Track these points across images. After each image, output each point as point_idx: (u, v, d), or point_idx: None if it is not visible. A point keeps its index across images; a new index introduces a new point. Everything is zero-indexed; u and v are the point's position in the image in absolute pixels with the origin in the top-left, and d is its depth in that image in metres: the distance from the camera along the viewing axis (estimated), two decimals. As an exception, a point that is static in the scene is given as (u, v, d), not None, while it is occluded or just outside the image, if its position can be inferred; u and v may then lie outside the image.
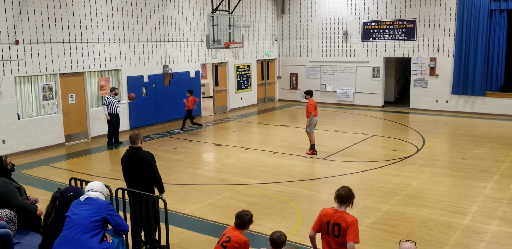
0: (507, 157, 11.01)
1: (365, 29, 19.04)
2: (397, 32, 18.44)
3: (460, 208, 7.88)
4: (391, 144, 12.82)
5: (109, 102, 12.75)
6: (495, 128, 14.62)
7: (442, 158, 11.23)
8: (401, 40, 18.36)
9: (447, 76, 17.58)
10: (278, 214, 7.79)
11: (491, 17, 16.72)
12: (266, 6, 20.45)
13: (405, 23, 18.23)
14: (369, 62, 19.04)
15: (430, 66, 17.79)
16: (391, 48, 18.61)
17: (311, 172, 10.28)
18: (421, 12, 17.83)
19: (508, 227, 7.04)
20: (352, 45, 19.41)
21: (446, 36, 17.49)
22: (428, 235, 6.85)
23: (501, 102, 16.68)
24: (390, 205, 8.09)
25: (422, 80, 18.06)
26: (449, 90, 17.55)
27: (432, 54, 17.82)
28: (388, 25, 18.56)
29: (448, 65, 17.53)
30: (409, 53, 18.27)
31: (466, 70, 17.11)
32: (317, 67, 20.30)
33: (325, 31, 19.97)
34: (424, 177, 9.64)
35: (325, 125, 15.38)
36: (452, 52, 17.42)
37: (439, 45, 17.63)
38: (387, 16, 18.52)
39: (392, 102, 19.82)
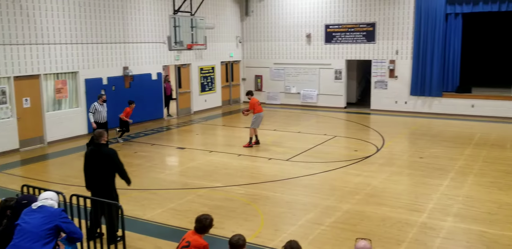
0: (462, 155, 11.40)
1: (327, 32, 19.33)
2: (358, 35, 18.80)
3: (417, 205, 8.09)
4: (353, 144, 13.05)
5: (95, 110, 12.08)
6: (451, 127, 15.13)
7: (400, 157, 11.52)
8: (362, 43, 18.73)
9: (405, 78, 18.06)
10: (240, 216, 7.77)
11: (447, 21, 17.31)
12: (230, 8, 20.44)
13: (366, 26, 18.61)
14: (332, 65, 19.33)
15: (390, 68, 18.24)
16: (353, 51, 18.96)
17: (275, 174, 10.31)
18: (381, 15, 18.26)
19: (462, 223, 7.28)
20: (315, 47, 19.66)
21: (404, 39, 17.98)
22: (387, 233, 7.00)
23: (456, 103, 17.28)
24: (351, 204, 8.22)
25: (382, 82, 18.49)
26: (408, 91, 18.04)
27: (391, 56, 18.27)
28: (349, 28, 18.91)
29: (406, 67, 18.02)
30: (369, 55, 18.67)
31: (424, 72, 17.63)
32: (282, 69, 20.45)
33: (288, 33, 20.14)
34: (383, 176, 9.85)
35: (289, 126, 15.50)
36: (410, 55, 17.92)
37: (398, 48, 18.10)
38: (348, 20, 18.87)
39: (354, 103, 20.19)
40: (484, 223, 7.27)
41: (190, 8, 15.36)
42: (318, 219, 7.63)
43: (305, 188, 9.34)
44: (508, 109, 16.41)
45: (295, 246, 4.25)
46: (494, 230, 6.98)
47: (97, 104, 12.15)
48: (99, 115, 12.09)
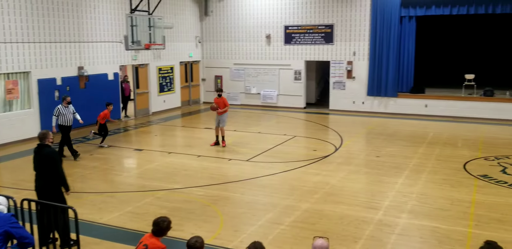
0: (416, 154, 11.78)
1: (286, 33, 19.50)
2: (316, 37, 19.08)
3: (374, 203, 8.28)
4: (312, 144, 13.22)
5: (59, 113, 11.29)
6: (406, 127, 15.61)
7: (358, 156, 11.77)
8: (321, 44, 19.02)
9: (362, 78, 18.49)
10: (200, 218, 7.70)
11: (401, 23, 17.85)
12: (189, 8, 20.25)
13: (324, 28, 18.91)
14: (291, 65, 19.51)
15: (347, 69, 18.62)
16: (312, 52, 19.22)
17: (235, 174, 10.29)
18: (338, 17, 18.60)
19: (416, 220, 7.52)
20: (274, 48, 19.79)
21: (361, 41, 18.39)
22: (344, 231, 7.13)
23: (411, 103, 17.85)
24: (310, 203, 8.31)
25: (340, 83, 18.85)
26: (365, 92, 18.48)
27: (349, 57, 18.65)
28: (308, 29, 19.15)
29: (363, 68, 18.45)
30: (328, 56, 18.98)
31: (380, 73, 18.11)
32: (242, 69, 20.45)
33: (248, 34, 20.17)
34: (341, 175, 10.03)
35: (250, 127, 15.52)
36: (367, 56, 18.36)
37: (355, 49, 18.51)
38: (307, 21, 19.11)
39: (313, 104, 20.48)
40: (436, 219, 7.53)
41: (148, 7, 15.08)
42: (278, 218, 7.67)
43: (265, 188, 9.37)
44: (459, 109, 17.11)
45: (259, 247, 4.24)
46: (446, 225, 7.24)
47: (61, 107, 11.41)
48: (63, 118, 11.35)
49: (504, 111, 16.45)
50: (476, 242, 6.30)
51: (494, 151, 11.92)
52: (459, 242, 6.63)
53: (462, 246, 6.51)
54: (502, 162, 10.86)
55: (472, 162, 10.96)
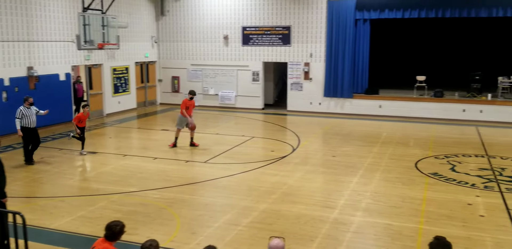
0: (371, 153, 12.08)
1: (244, 34, 19.52)
2: (274, 38, 19.21)
3: (330, 202, 8.41)
4: (270, 145, 13.29)
5: (22, 115, 10.67)
6: (361, 127, 15.97)
7: (315, 156, 11.94)
8: (278, 45, 19.17)
9: (319, 80, 18.78)
10: (156, 221, 7.57)
11: (356, 26, 18.27)
12: (144, 7, 19.89)
13: (281, 29, 19.07)
14: (249, 66, 19.55)
15: (305, 70, 18.86)
16: (269, 53, 19.34)
17: (192, 176, 10.18)
18: (295, 19, 18.82)
19: (370, 217, 7.70)
20: (232, 49, 19.76)
21: (318, 43, 18.68)
22: (301, 230, 7.19)
23: (365, 104, 18.30)
24: (267, 204, 8.34)
25: (298, 84, 19.07)
26: (321, 93, 18.78)
27: (306, 59, 18.90)
28: (265, 31, 19.26)
29: (320, 70, 18.75)
30: (285, 58, 19.15)
31: (336, 74, 18.46)
32: (199, 70, 20.30)
33: (206, 34, 20.04)
34: (299, 175, 10.13)
35: (207, 128, 15.41)
36: (323, 58, 18.66)
37: (312, 51, 18.77)
38: (264, 22, 19.21)
39: (271, 104, 20.60)
40: (389, 216, 7.74)
41: (101, 6, 14.70)
42: (235, 220, 7.65)
43: (223, 189, 9.32)
44: (411, 110, 17.70)
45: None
46: (398, 222, 7.45)
47: (23, 108, 10.77)
48: (27, 120, 10.74)
49: (453, 111, 17.17)
50: (427, 238, 6.49)
51: (444, 150, 12.39)
52: (410, 238, 6.84)
53: (413, 242, 6.72)
54: (451, 160, 11.32)
55: (423, 160, 11.35)
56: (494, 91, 17.39)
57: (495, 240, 6.73)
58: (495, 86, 17.49)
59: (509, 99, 17.01)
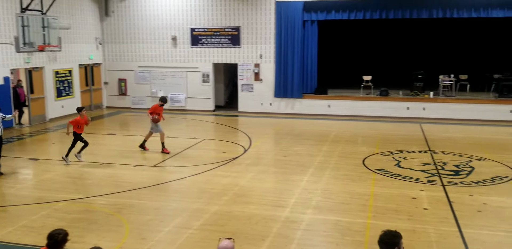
0: (320, 152, 12.27)
1: (193, 35, 19.32)
2: (223, 39, 19.14)
3: (281, 201, 8.45)
4: (221, 146, 13.20)
5: None
6: (311, 127, 16.21)
7: (266, 156, 11.97)
8: (228, 46, 19.12)
9: (269, 81, 18.90)
10: (103, 228, 7.30)
11: (304, 27, 18.55)
12: (88, 8, 19.23)
13: (231, 30, 19.04)
14: (199, 68, 19.37)
15: (255, 71, 18.93)
16: (219, 54, 19.25)
17: (141, 181, 9.90)
18: (244, 20, 18.84)
19: (320, 215, 7.79)
20: (181, 50, 19.50)
21: (267, 44, 18.80)
22: (253, 230, 7.17)
23: (315, 104, 18.60)
24: (218, 206, 8.25)
25: (248, 85, 19.10)
26: (272, 93, 18.91)
27: (256, 60, 18.97)
28: (215, 32, 19.15)
29: (270, 70, 18.87)
30: (235, 59, 19.13)
31: (286, 75, 18.64)
32: (147, 72, 19.88)
33: (153, 35, 19.67)
34: (250, 176, 10.11)
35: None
36: (273, 59, 18.80)
37: (262, 52, 18.86)
38: (213, 23, 19.10)
39: (222, 106, 20.51)
40: (339, 212, 7.87)
41: (41, 6, 14.07)
42: (186, 223, 7.51)
43: (173, 193, 9.15)
44: (359, 108, 18.18)
45: None
46: (347, 218, 7.59)
47: None
48: None
49: (398, 109, 17.79)
50: (375, 232, 6.65)
51: (389, 147, 12.80)
52: (359, 233, 6.98)
53: (362, 237, 6.86)
54: (396, 157, 11.70)
55: (371, 157, 11.66)
56: (435, 90, 18.19)
57: (438, 232, 6.99)
58: (436, 84, 18.29)
59: (449, 97, 17.85)
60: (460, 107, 17.17)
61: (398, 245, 3.76)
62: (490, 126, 16.00)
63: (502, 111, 16.86)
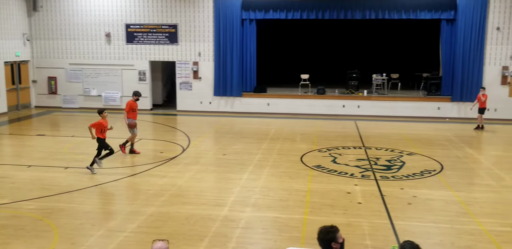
0: (260, 150, 12.31)
1: (128, 32, 18.72)
2: (160, 36, 18.72)
3: (220, 200, 8.36)
4: (159, 146, 12.89)
5: None
6: (251, 125, 16.27)
7: (205, 155, 11.83)
8: (165, 44, 18.72)
9: (209, 79, 18.73)
10: (30, 234, 6.86)
11: (243, 26, 18.55)
12: (14, 2, 18.05)
13: (168, 27, 18.65)
14: (135, 66, 18.82)
15: (193, 70, 18.68)
16: (156, 52, 18.80)
17: (72, 184, 9.41)
18: (182, 17, 18.53)
19: (259, 212, 7.80)
20: (115, 47, 18.83)
21: (206, 42, 18.60)
22: (191, 231, 7.03)
23: (254, 102, 18.67)
24: (155, 207, 8.02)
25: (187, 83, 18.82)
26: (211, 92, 18.76)
27: (195, 58, 18.72)
28: (151, 29, 18.68)
29: (209, 69, 18.70)
30: (173, 57, 18.78)
31: (225, 73, 18.56)
32: (79, 70, 19.01)
33: (85, 32, 18.85)
34: (188, 175, 9.93)
35: (88, 131, 14.45)
36: (212, 57, 18.64)
37: (200, 50, 18.65)
38: (149, 20, 18.62)
39: (160, 105, 20.08)
40: (277, 209, 7.91)
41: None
42: (121, 226, 7.23)
43: (107, 195, 8.79)
44: (297, 107, 18.47)
45: None
46: (285, 214, 7.65)
47: None
48: None
49: (334, 107, 18.28)
50: (311, 228, 6.77)
51: (326, 143, 13.10)
52: (296, 229, 7.05)
53: (299, 233, 6.93)
54: (332, 153, 11.99)
55: (308, 154, 11.87)
56: (369, 88, 18.89)
57: (371, 225, 7.22)
58: (370, 83, 19.00)
59: (382, 95, 18.60)
60: (391, 105, 17.94)
61: (334, 240, 3.80)
62: (419, 122, 16.85)
63: (430, 108, 17.83)
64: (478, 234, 6.87)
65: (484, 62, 17.33)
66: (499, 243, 6.55)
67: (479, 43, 17.21)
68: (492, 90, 16.94)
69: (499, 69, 17.31)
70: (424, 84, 18.97)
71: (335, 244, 3.77)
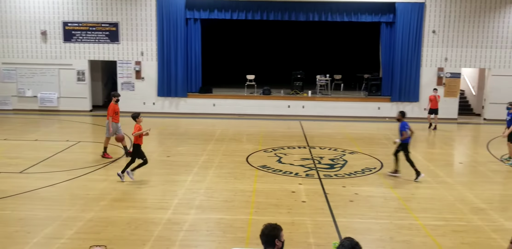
0: (205, 151, 12.17)
1: (66, 30, 17.92)
2: (100, 35, 18.08)
3: (163, 203, 8.15)
4: (99, 149, 12.36)
5: None
6: (196, 126, 16.06)
7: (149, 157, 11.34)
8: (105, 43, 18.10)
9: (152, 79, 18.31)
10: (-46, 246, 6.33)
11: (187, 25, 18.29)
12: None
13: (108, 26, 18.05)
14: (73, 65, 18.05)
15: (136, 69, 18.19)
16: (96, 51, 18.13)
17: (4, 189, 8.82)
18: (123, 16, 17.99)
19: (203, 214, 7.67)
20: (52, 46, 17.96)
21: (149, 41, 18.17)
22: (132, 235, 6.80)
23: (200, 103, 18.46)
24: (94, 212, 7.69)
25: (129, 83, 18.29)
26: (155, 92, 18.36)
27: (137, 57, 18.24)
28: (90, 27, 17.99)
29: (152, 68, 18.29)
30: (114, 56, 18.19)
31: (169, 73, 18.22)
32: (13, 69, 17.95)
33: (20, 29, 17.84)
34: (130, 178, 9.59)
35: (25, 134, 13.71)
36: (155, 56, 18.24)
37: (143, 49, 18.20)
38: (89, 18, 17.93)
39: (101, 106, 19.36)
40: (221, 210, 7.83)
41: None
42: (57, 233, 6.86)
43: (42, 201, 8.30)
44: (243, 107, 18.46)
45: None
46: (229, 215, 7.58)
47: None
48: None
49: (280, 107, 18.46)
50: (256, 228, 6.70)
51: (272, 143, 13.17)
52: (241, 230, 7.00)
53: (243, 233, 6.89)
54: (278, 153, 12.07)
55: (254, 154, 11.87)
56: (313, 89, 19.24)
57: (314, 223, 7.31)
58: (314, 83, 19.36)
59: (326, 95, 19.00)
60: (335, 105, 18.38)
61: (278, 237, 3.80)
62: (361, 122, 17.38)
63: (371, 108, 18.44)
64: (415, 229, 7.14)
65: (421, 64, 18.17)
66: (435, 237, 6.84)
67: (416, 45, 18.03)
68: (428, 91, 17.80)
69: (435, 71, 18.22)
70: (366, 85, 19.59)
71: (278, 241, 3.76)
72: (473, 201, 8.48)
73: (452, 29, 17.91)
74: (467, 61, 18.14)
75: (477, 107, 19.59)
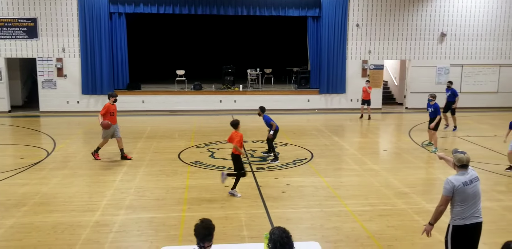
0: (135, 149, 11.81)
1: (-23, 26, 16.60)
2: (17, 31, 16.95)
3: (91, 205, 7.80)
4: (19, 152, 11.63)
5: None
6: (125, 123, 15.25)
7: (74, 158, 10.96)
8: (23, 39, 16.99)
9: (75, 76, 17.46)
10: None
11: (112, 20, 17.59)
12: None
13: (25, 21, 16.95)
14: (-13, 63, 16.76)
15: (57, 67, 17.25)
16: (13, 48, 16.98)
17: None
18: (42, 10, 16.98)
19: (134, 214, 7.43)
20: (-39, 43, 16.57)
21: (70, 36, 17.30)
22: (58, 240, 6.45)
23: (128, 100, 17.80)
24: (15, 218, 7.20)
25: (51, 82, 17.31)
26: (79, 90, 17.54)
27: (58, 54, 17.29)
28: (6, 22, 16.79)
29: (75, 65, 17.44)
30: (33, 53, 17.12)
31: (94, 70, 17.46)
32: None
33: None
34: (54, 181, 9.12)
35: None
36: (78, 53, 17.40)
37: (64, 45, 17.28)
38: (3, 13, 16.74)
39: (20, 106, 18.19)
40: (153, 209, 7.63)
41: None
42: (-26, 243, 6.33)
43: (-46, 210, 7.63)
44: (174, 103, 18.16)
45: None
46: (161, 214, 7.41)
47: None
48: None
49: (212, 102, 18.35)
50: (189, 224, 6.62)
51: (204, 139, 13.06)
52: (173, 227, 6.86)
53: (176, 231, 6.76)
54: (210, 148, 11.99)
55: (186, 150, 11.71)
56: (244, 83, 19.31)
57: (248, 216, 7.33)
58: (245, 78, 19.43)
59: (257, 89, 19.15)
60: (266, 99, 18.54)
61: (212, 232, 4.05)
62: (291, 114, 17.72)
63: (300, 101, 18.86)
64: (345, 215, 7.40)
65: (346, 57, 18.84)
66: (362, 222, 7.13)
67: (342, 39, 18.66)
68: (354, 82, 18.49)
69: (360, 63, 18.97)
70: (295, 78, 19.99)
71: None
72: (397, 186, 8.94)
73: (374, 22, 18.73)
74: (389, 53, 19.08)
75: (399, 97, 20.72)
